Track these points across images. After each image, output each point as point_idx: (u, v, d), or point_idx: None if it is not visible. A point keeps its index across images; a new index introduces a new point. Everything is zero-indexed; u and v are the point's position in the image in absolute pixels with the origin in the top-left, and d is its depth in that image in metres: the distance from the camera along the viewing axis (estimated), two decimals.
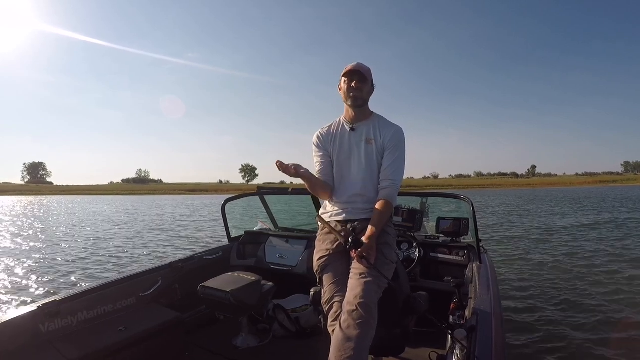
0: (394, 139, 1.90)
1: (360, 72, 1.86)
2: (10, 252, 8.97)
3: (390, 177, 1.87)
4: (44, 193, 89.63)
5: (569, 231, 10.58)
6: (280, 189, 3.65)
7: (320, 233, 1.98)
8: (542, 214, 16.49)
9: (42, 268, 7.04)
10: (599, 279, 5.37)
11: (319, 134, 2.01)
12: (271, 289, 2.69)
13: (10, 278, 6.28)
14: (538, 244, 8.54)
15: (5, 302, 4.98)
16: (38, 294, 5.30)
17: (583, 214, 15.75)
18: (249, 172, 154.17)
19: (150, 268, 2.85)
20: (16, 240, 11.06)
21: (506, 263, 6.66)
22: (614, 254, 7.12)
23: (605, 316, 3.95)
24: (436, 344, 2.27)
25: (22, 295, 5.25)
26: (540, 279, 5.48)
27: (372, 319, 1.57)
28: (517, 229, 11.30)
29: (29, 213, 23.56)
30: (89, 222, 16.87)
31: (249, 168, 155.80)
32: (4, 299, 5.11)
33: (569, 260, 6.69)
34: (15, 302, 4.93)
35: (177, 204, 33.48)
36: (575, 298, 4.58)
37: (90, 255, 8.36)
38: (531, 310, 4.21)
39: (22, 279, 6.24)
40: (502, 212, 17.73)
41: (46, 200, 48.28)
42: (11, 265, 7.37)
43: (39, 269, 6.98)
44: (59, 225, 15.58)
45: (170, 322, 2.44)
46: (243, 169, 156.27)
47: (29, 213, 23.56)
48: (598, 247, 7.89)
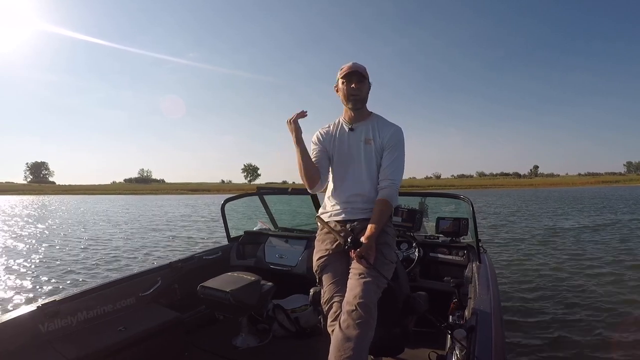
0: (393, 138, 1.90)
1: (358, 72, 1.86)
2: (10, 252, 8.98)
3: (390, 177, 1.86)
4: (46, 192, 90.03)
5: (570, 232, 10.54)
6: (279, 189, 3.65)
7: (319, 233, 1.97)
8: (543, 214, 16.43)
9: (42, 268, 7.05)
10: (601, 280, 5.35)
11: (319, 133, 2.02)
12: (271, 289, 2.69)
13: (11, 278, 6.28)
14: (538, 245, 8.53)
15: (6, 302, 4.99)
16: (39, 294, 5.30)
17: (585, 214, 15.66)
18: (251, 172, 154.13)
19: (150, 268, 2.85)
20: (16, 240, 11.08)
21: (506, 263, 6.65)
22: (617, 255, 7.07)
23: (606, 317, 3.94)
24: (436, 344, 2.26)
25: (23, 295, 5.26)
26: (541, 279, 5.48)
27: (372, 319, 1.57)
28: (518, 230, 11.28)
29: (30, 213, 23.57)
30: (90, 221, 16.91)
31: (251, 168, 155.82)
32: (5, 298, 5.12)
33: (571, 261, 6.68)
34: (15, 302, 4.94)
35: (179, 203, 33.47)
36: (575, 298, 4.57)
37: (91, 254, 8.38)
38: (531, 310, 4.21)
39: (23, 278, 6.25)
40: (504, 213, 17.68)
41: (48, 200, 48.38)
42: (11, 265, 7.37)
43: (40, 269, 6.98)
44: (60, 225, 15.62)
45: (169, 322, 2.44)
46: (245, 168, 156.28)
47: (30, 213, 23.57)
48: (600, 248, 7.87)
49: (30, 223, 16.66)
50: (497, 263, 6.33)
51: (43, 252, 8.77)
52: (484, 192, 52.65)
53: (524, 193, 47.72)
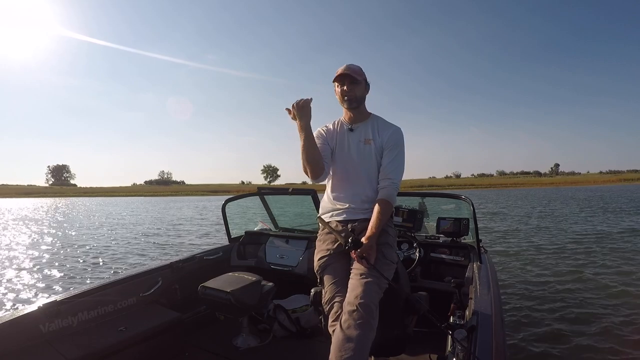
0: (393, 138, 1.90)
1: (349, 74, 1.87)
2: (26, 254, 8.99)
3: (390, 177, 1.87)
4: (67, 195, 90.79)
5: (582, 231, 10.23)
6: (280, 189, 3.64)
7: (320, 233, 1.98)
8: (560, 216, 15.32)
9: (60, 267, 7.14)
10: (606, 283, 5.25)
11: (321, 130, 2.03)
12: (271, 289, 2.69)
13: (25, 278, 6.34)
14: (543, 245, 8.37)
15: (6, 302, 4.99)
16: (48, 293, 5.36)
17: (601, 215, 14.82)
18: (271, 173, 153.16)
19: (151, 268, 2.85)
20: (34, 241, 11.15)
21: (508, 263, 6.63)
22: (628, 258, 6.78)
23: (609, 319, 3.92)
24: (436, 345, 2.26)
25: (29, 295, 5.28)
26: (543, 280, 5.45)
27: (373, 319, 1.57)
28: (523, 230, 11.15)
29: (51, 216, 23.12)
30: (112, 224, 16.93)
31: (270, 169, 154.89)
32: (10, 298, 5.14)
33: (576, 262, 6.59)
34: (18, 302, 4.95)
35: (201, 205, 33.02)
36: (578, 299, 4.55)
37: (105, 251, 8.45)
38: (532, 310, 4.20)
39: (43, 280, 6.31)
40: (520, 214, 16.62)
41: (69, 202, 48.35)
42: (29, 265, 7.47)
43: (55, 268, 7.05)
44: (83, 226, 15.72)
45: (170, 322, 2.44)
46: (265, 169, 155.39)
47: (51, 216, 23.12)
48: (610, 249, 7.63)
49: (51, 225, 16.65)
50: (500, 263, 6.32)
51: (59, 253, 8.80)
52: (503, 192, 49.51)
53: (545, 192, 44.75)
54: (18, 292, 5.49)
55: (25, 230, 14.35)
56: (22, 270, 6.97)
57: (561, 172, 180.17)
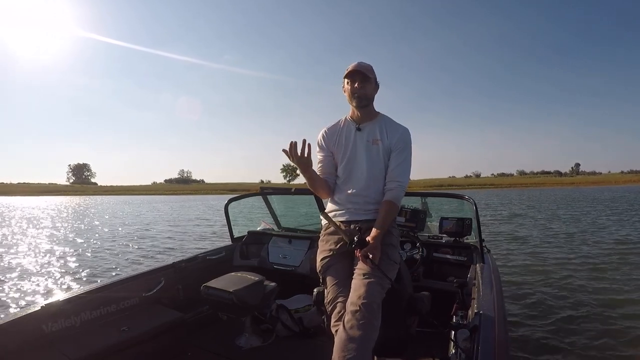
0: (402, 140, 1.89)
1: (361, 71, 1.85)
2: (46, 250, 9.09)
3: (398, 179, 1.86)
4: (88, 193, 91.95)
5: (593, 233, 9.91)
6: (283, 188, 3.65)
7: (323, 233, 1.97)
8: (574, 217, 14.51)
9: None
10: (612, 283, 5.17)
11: (324, 133, 2.01)
12: (274, 289, 2.69)
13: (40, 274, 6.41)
14: (549, 246, 8.19)
15: (6, 302, 5.01)
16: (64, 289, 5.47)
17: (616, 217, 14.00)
18: (290, 172, 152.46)
19: (153, 268, 2.86)
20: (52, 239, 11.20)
21: (510, 263, 6.60)
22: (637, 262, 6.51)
23: (615, 319, 3.89)
24: (439, 345, 2.25)
25: (33, 295, 5.30)
26: (546, 281, 5.41)
27: (376, 319, 1.56)
28: (528, 230, 11.00)
29: (71, 215, 22.88)
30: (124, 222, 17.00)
31: (290, 168, 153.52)
32: (13, 297, 5.15)
33: (582, 262, 6.50)
34: (19, 303, 4.96)
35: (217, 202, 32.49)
36: (583, 299, 4.51)
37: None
38: (535, 310, 4.18)
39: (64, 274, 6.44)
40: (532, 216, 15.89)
41: (91, 201, 48.61)
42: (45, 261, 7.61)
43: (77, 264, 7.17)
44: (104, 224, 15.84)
45: (172, 322, 2.44)
46: (284, 168, 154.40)
47: (71, 215, 22.88)
48: (622, 252, 7.31)
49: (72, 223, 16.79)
50: (504, 263, 6.28)
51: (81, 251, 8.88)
52: (524, 192, 47.37)
53: (565, 192, 42.54)
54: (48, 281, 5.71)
55: None
56: None
57: (582, 172, 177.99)
